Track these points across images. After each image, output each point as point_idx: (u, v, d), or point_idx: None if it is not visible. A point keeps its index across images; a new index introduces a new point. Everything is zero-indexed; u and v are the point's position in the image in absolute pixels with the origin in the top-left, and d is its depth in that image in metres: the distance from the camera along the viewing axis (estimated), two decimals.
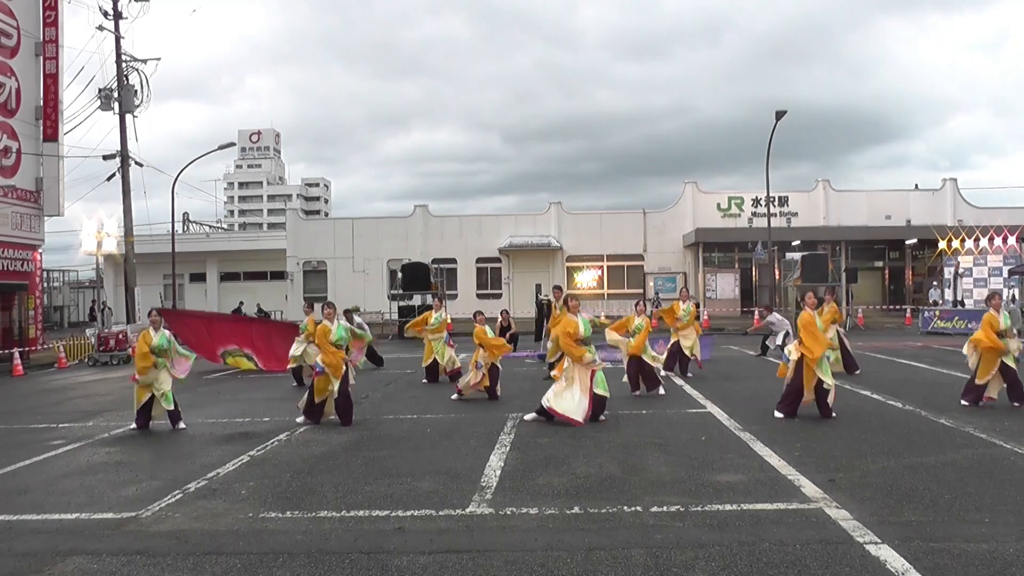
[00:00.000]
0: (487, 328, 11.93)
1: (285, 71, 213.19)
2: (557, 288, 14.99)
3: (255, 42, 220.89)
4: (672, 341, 14.00)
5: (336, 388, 9.68)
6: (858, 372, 13.68)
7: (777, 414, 9.50)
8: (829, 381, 9.29)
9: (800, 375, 9.37)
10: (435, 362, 14.02)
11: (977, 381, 10.01)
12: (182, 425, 9.98)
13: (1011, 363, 9.86)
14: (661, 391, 11.76)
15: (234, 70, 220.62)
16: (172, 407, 9.95)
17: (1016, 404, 9.87)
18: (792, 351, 9.54)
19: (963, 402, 10.11)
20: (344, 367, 9.76)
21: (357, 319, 15.07)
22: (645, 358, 11.52)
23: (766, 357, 17.13)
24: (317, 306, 14.97)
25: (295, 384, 14.22)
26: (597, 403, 9.44)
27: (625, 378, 11.80)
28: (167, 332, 10.27)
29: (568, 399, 9.35)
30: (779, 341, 17.36)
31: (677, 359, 13.90)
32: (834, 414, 9.37)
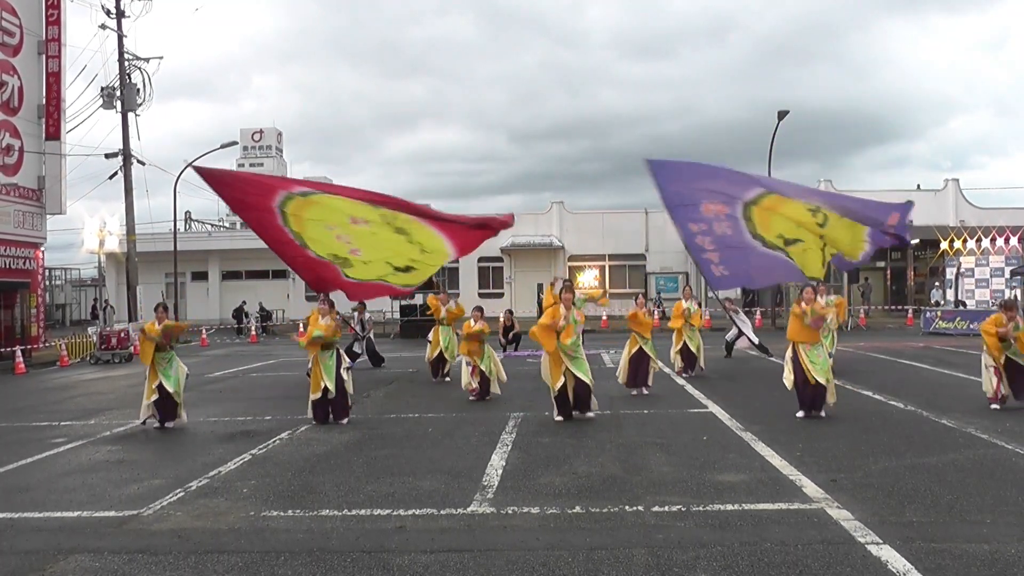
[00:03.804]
0: (473, 323, 11.96)
1: (291, 70, 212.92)
2: (567, 282, 14.93)
3: (261, 41, 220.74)
4: (680, 343, 14.00)
5: (331, 385, 9.73)
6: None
7: (799, 414, 9.52)
8: (821, 380, 9.32)
9: (801, 371, 9.41)
10: (441, 355, 14.01)
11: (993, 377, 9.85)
12: (169, 424, 10.01)
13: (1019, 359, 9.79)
14: (644, 391, 11.76)
15: (240, 69, 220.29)
16: (173, 389, 9.96)
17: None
18: (788, 351, 9.67)
19: (994, 406, 9.82)
20: (333, 361, 9.85)
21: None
22: (647, 349, 11.61)
23: (765, 356, 17.11)
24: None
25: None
26: (580, 387, 9.52)
27: (620, 375, 11.84)
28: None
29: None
30: (729, 336, 17.48)
31: (687, 360, 14.00)
32: (823, 413, 9.42)
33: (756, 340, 15.75)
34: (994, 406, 9.79)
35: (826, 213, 11.90)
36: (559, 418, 9.53)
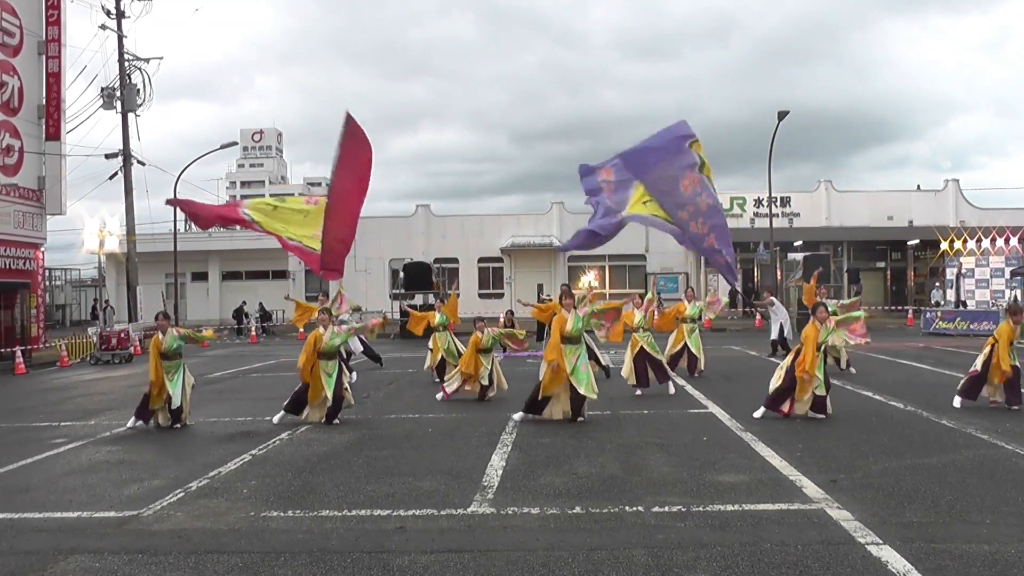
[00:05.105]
0: (481, 335, 11.86)
1: (292, 71, 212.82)
2: (565, 286, 15.00)
3: (262, 42, 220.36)
4: (680, 342, 14.03)
5: (330, 394, 9.73)
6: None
7: (756, 414, 9.52)
8: (820, 392, 9.30)
9: (791, 380, 9.36)
10: (443, 360, 13.96)
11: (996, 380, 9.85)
12: (178, 425, 10.02)
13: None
14: (671, 389, 11.74)
15: (241, 70, 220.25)
16: (178, 404, 9.97)
17: (1015, 407, 9.78)
18: (787, 359, 9.66)
19: (957, 401, 10.01)
20: (336, 371, 9.83)
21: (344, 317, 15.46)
22: (648, 349, 11.63)
23: (775, 358, 17.10)
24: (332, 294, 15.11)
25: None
26: (575, 400, 9.44)
27: (629, 378, 11.81)
28: (175, 332, 10.26)
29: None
30: (774, 334, 17.39)
31: (681, 360, 13.99)
32: (822, 415, 9.38)
33: (789, 335, 15.83)
34: (956, 401, 10.03)
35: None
36: (518, 416, 9.64)
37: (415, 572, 4.74)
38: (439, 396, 11.74)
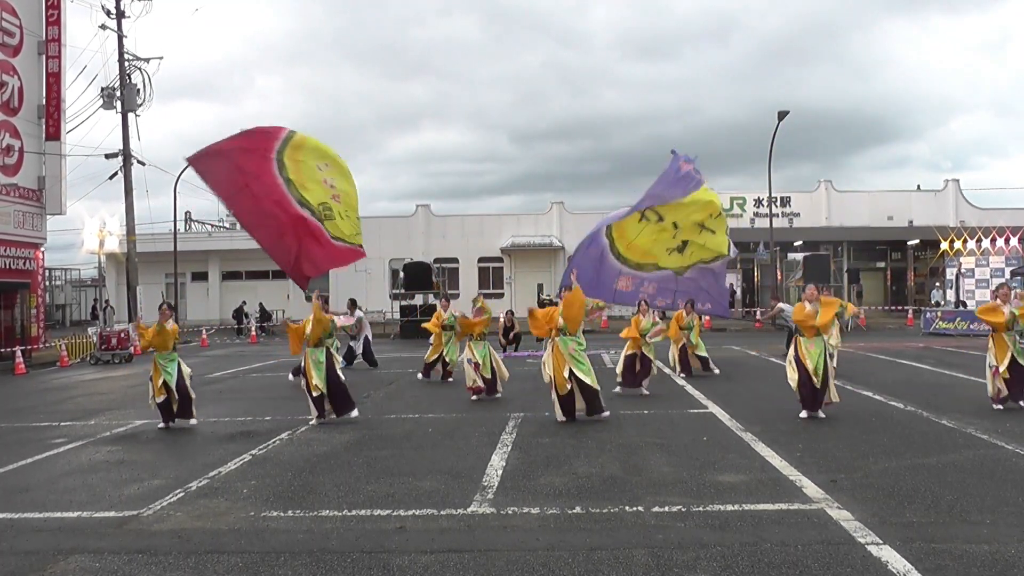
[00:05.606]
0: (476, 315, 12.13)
1: (294, 71, 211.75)
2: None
3: (264, 42, 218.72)
4: (680, 345, 14.13)
5: (322, 384, 9.78)
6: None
7: (802, 415, 9.47)
8: (813, 372, 9.29)
9: (804, 370, 9.37)
10: (438, 359, 13.96)
11: (1001, 369, 9.75)
12: (178, 423, 10.01)
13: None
14: (644, 391, 11.75)
15: (243, 70, 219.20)
16: (174, 396, 9.94)
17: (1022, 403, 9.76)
18: (790, 351, 9.68)
19: (996, 407, 9.78)
20: (326, 358, 9.91)
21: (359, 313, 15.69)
22: (646, 351, 11.67)
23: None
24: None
25: (292, 379, 14.27)
26: (586, 391, 9.46)
27: (620, 376, 11.86)
28: (173, 325, 10.28)
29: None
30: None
31: (687, 362, 14.14)
32: (822, 414, 9.39)
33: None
34: (996, 407, 9.79)
35: (658, 211, 13.11)
36: (562, 419, 9.51)
37: (415, 572, 4.74)
38: (473, 397, 11.64)
